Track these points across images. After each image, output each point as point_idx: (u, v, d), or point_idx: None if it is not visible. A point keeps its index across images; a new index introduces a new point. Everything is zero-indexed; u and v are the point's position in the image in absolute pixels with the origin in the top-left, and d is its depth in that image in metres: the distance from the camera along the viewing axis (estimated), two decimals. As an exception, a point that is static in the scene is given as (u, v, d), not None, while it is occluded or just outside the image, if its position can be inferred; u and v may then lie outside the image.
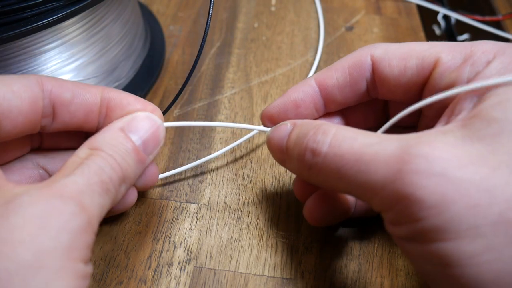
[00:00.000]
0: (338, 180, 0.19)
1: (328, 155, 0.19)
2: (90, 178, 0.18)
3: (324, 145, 0.19)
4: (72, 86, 0.22)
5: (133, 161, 0.20)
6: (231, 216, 0.26)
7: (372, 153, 0.17)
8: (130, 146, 0.20)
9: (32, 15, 0.23)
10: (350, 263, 0.24)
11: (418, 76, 0.22)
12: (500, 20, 0.43)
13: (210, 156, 0.28)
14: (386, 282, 0.24)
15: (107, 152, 0.19)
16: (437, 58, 0.21)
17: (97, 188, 0.18)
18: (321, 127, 0.20)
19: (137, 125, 0.21)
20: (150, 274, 0.24)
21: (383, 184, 0.17)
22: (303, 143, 0.20)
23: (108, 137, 0.20)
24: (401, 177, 0.16)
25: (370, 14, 0.42)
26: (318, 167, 0.19)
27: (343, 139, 0.19)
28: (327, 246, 0.25)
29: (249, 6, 0.42)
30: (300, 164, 0.20)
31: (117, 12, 0.30)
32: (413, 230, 0.16)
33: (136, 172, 0.21)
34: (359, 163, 0.18)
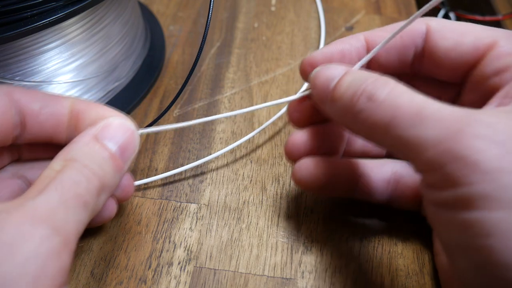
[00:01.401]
0: (385, 130, 0.18)
1: (385, 102, 0.18)
2: (64, 194, 0.17)
3: (384, 92, 0.18)
4: (41, 97, 0.21)
5: (110, 168, 0.20)
6: (231, 216, 0.26)
7: (433, 110, 0.17)
8: (107, 153, 0.20)
9: (32, 15, 0.23)
10: (350, 263, 0.24)
11: (470, 55, 0.21)
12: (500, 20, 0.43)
13: (210, 156, 0.28)
14: (386, 282, 0.24)
15: (82, 162, 0.19)
16: (495, 41, 0.21)
17: (72, 203, 0.17)
18: (381, 77, 0.19)
19: (111, 131, 0.20)
20: (150, 274, 0.24)
21: (438, 141, 0.16)
22: (360, 86, 0.19)
23: (83, 146, 0.20)
24: (460, 137, 0.15)
25: (370, 14, 0.42)
26: (370, 112, 0.18)
27: (403, 91, 0.18)
28: (327, 246, 0.25)
29: (249, 6, 0.42)
30: (349, 107, 0.20)
31: (117, 12, 0.30)
32: (457, 195, 0.15)
33: (115, 180, 0.20)
34: (416, 116, 0.17)
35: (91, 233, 0.25)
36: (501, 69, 0.20)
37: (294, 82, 0.35)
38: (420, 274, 0.24)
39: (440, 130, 0.16)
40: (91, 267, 0.24)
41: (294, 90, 0.34)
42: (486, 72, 0.21)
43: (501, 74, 0.20)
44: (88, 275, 0.23)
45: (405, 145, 0.17)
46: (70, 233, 0.17)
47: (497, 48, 0.20)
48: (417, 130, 0.17)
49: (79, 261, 0.24)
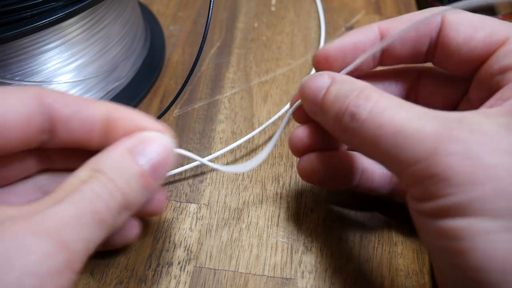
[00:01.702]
0: (371, 147, 0.19)
1: (367, 122, 0.19)
2: (81, 208, 0.16)
3: (365, 110, 0.19)
4: (73, 101, 0.20)
5: (138, 186, 0.18)
6: (231, 216, 0.26)
7: (412, 129, 0.17)
8: (137, 170, 0.18)
9: (32, 15, 0.23)
10: (350, 263, 0.24)
11: (481, 49, 0.21)
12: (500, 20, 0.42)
13: (210, 156, 0.28)
14: (386, 282, 0.24)
15: (109, 175, 0.18)
16: (507, 37, 0.21)
17: (87, 220, 0.16)
18: (364, 91, 0.19)
19: (146, 147, 0.19)
20: (150, 273, 0.24)
21: (417, 160, 0.17)
22: (344, 103, 0.20)
23: (113, 158, 0.18)
24: (435, 156, 0.17)
25: (370, 14, 0.42)
26: (355, 131, 0.19)
27: (385, 108, 0.18)
28: (327, 246, 0.25)
29: (249, 6, 0.42)
30: (336, 124, 0.20)
31: (117, 12, 0.30)
32: (437, 206, 0.17)
33: (140, 199, 0.19)
34: (397, 137, 0.18)
35: (91, 233, 0.25)
36: (506, 67, 0.20)
37: (294, 82, 0.35)
38: (420, 274, 0.24)
39: (418, 149, 0.17)
40: (91, 267, 0.24)
41: (294, 90, 0.34)
42: (492, 69, 0.21)
43: (506, 72, 0.20)
44: (87, 275, 0.23)
45: (389, 162, 0.19)
46: (77, 251, 0.16)
47: (508, 45, 0.20)
48: (399, 150, 0.18)
49: (79, 261, 0.24)
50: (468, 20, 0.22)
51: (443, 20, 0.22)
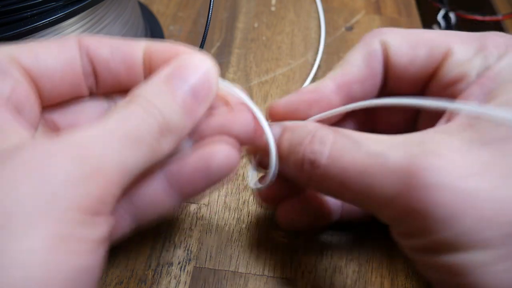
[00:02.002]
0: (341, 191, 0.18)
1: (328, 167, 0.18)
2: (117, 128, 0.16)
3: (323, 156, 0.18)
4: (111, 42, 0.19)
5: (179, 109, 0.17)
6: (231, 216, 0.26)
7: (377, 166, 0.17)
8: (177, 93, 0.18)
9: (32, 15, 0.23)
10: (350, 263, 0.24)
11: (427, 67, 0.21)
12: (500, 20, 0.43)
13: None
14: (386, 282, 0.24)
15: (149, 98, 0.17)
16: (448, 48, 0.20)
17: (124, 138, 0.16)
18: (316, 134, 0.19)
19: (185, 71, 0.18)
20: (150, 274, 0.24)
21: (391, 198, 0.16)
22: (299, 152, 0.19)
23: (153, 84, 0.18)
24: (409, 192, 0.16)
25: (370, 14, 0.42)
26: (319, 178, 0.18)
27: (343, 148, 0.18)
28: (327, 246, 0.25)
29: (249, 6, 0.42)
30: (298, 173, 0.19)
31: (117, 12, 0.30)
32: (424, 242, 0.16)
33: (185, 123, 0.18)
34: (363, 177, 0.17)
35: (91, 233, 0.25)
36: (456, 79, 0.20)
37: (294, 82, 0.35)
38: (420, 274, 0.24)
39: (388, 186, 0.16)
40: (91, 267, 0.24)
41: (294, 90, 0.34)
42: (442, 83, 0.20)
43: (456, 84, 0.20)
44: (88, 275, 0.23)
45: (364, 204, 0.18)
46: (111, 165, 0.15)
47: (451, 56, 0.20)
48: (369, 189, 0.17)
49: (79, 261, 0.24)
50: (406, 40, 0.21)
51: (384, 47, 0.21)
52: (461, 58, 0.20)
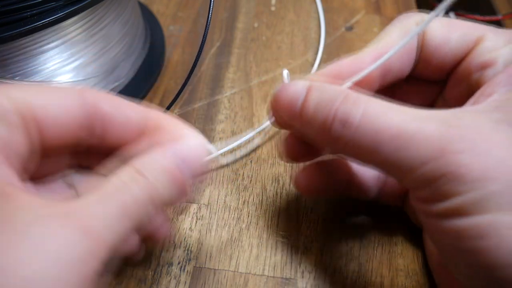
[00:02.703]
0: (369, 154, 0.18)
1: (361, 128, 0.18)
2: (120, 208, 0.16)
3: (357, 116, 0.18)
4: (115, 102, 0.20)
5: (175, 191, 0.18)
6: (231, 216, 0.26)
7: (413, 131, 0.17)
8: (178, 177, 0.18)
9: (32, 15, 0.23)
10: (350, 263, 0.24)
11: (457, 49, 0.21)
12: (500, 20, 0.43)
13: (210, 156, 0.28)
14: (386, 282, 0.24)
15: (152, 180, 0.17)
16: (481, 35, 0.21)
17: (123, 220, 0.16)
18: (350, 96, 0.18)
19: (189, 154, 0.19)
20: (150, 273, 0.24)
21: (424, 162, 0.17)
22: (330, 110, 0.18)
23: (158, 162, 0.18)
24: (444, 156, 0.16)
25: (370, 14, 0.42)
26: (348, 139, 0.18)
27: (378, 111, 0.18)
28: (327, 246, 0.25)
29: (249, 6, 0.42)
30: (324, 133, 0.19)
31: (117, 12, 0.30)
32: (451, 205, 0.16)
33: (175, 200, 0.19)
34: (398, 140, 0.17)
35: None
36: (485, 64, 0.20)
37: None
38: (420, 274, 0.24)
39: (423, 151, 0.17)
40: (91, 267, 0.24)
41: (294, 90, 0.34)
42: (470, 67, 0.21)
43: (484, 69, 0.20)
44: (88, 275, 0.23)
45: (391, 167, 0.18)
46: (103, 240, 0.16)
47: (483, 43, 0.21)
48: (402, 153, 0.17)
49: (79, 261, 0.24)
50: (441, 22, 0.22)
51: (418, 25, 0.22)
52: (491, 45, 0.20)
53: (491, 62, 0.20)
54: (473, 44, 0.21)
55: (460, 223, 0.16)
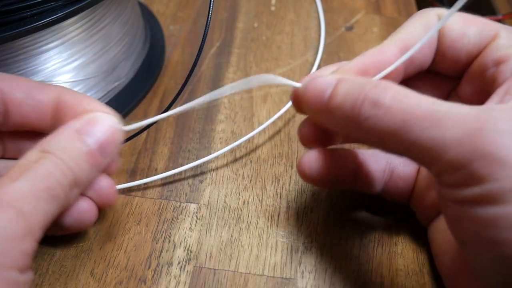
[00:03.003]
0: (396, 136, 0.17)
1: (392, 107, 0.17)
2: (36, 184, 0.18)
3: (387, 96, 0.17)
4: (26, 85, 0.21)
5: (87, 164, 0.20)
6: (231, 216, 0.26)
7: (445, 110, 0.16)
8: (85, 149, 0.20)
9: (31, 15, 0.23)
10: (350, 263, 0.24)
11: (473, 44, 0.21)
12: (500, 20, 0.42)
13: (210, 156, 0.28)
14: (386, 282, 0.24)
15: (59, 155, 0.19)
16: (496, 32, 0.21)
17: (43, 194, 0.18)
18: (379, 83, 0.18)
19: (93, 126, 0.20)
20: (149, 274, 0.24)
21: (460, 141, 0.16)
22: (361, 93, 0.18)
23: (62, 139, 0.20)
24: (483, 135, 0.15)
25: (370, 14, 0.42)
26: (377, 119, 0.18)
27: (408, 94, 0.17)
28: (327, 246, 0.25)
29: (249, 6, 0.42)
30: (351, 116, 0.18)
31: (117, 12, 0.30)
32: (483, 191, 0.15)
33: (90, 176, 0.20)
34: (431, 118, 0.16)
35: (91, 233, 0.25)
36: (500, 60, 0.20)
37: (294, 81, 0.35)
38: (420, 274, 0.24)
39: (459, 129, 0.16)
40: (91, 267, 0.24)
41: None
42: (485, 62, 0.21)
43: (499, 65, 0.20)
44: (88, 275, 0.23)
45: (421, 149, 0.17)
46: (36, 221, 0.17)
47: (498, 39, 0.21)
48: (434, 132, 0.16)
49: (79, 261, 0.24)
50: (459, 17, 0.22)
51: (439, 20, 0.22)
52: (506, 42, 0.21)
53: (506, 58, 0.20)
54: (489, 40, 0.21)
55: (492, 212, 0.15)
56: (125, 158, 0.29)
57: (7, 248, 0.16)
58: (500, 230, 0.15)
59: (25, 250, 0.17)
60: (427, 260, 0.25)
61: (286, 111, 0.32)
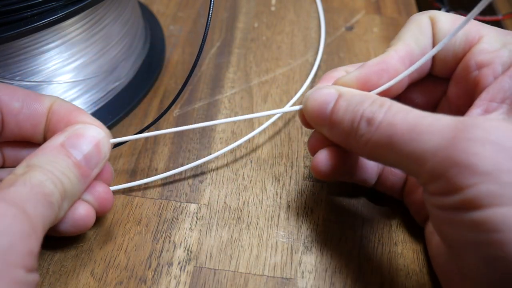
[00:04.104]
0: (386, 149, 0.19)
1: (382, 124, 0.19)
2: (33, 188, 0.18)
3: (380, 114, 0.19)
4: (22, 95, 0.21)
5: (75, 176, 0.20)
6: (231, 216, 0.26)
7: (427, 124, 0.17)
8: (71, 161, 0.20)
9: (32, 15, 0.23)
10: (350, 263, 0.24)
11: (460, 47, 0.22)
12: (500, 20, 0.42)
13: (210, 156, 0.28)
14: (386, 282, 0.24)
15: (47, 168, 0.19)
16: (481, 35, 0.21)
17: (40, 198, 0.18)
18: (378, 99, 0.20)
19: (78, 139, 0.21)
20: (150, 274, 0.24)
21: (435, 151, 0.17)
22: (358, 111, 0.20)
23: (48, 153, 0.20)
24: (455, 144, 0.16)
25: (370, 14, 0.42)
26: (370, 136, 0.19)
27: (398, 110, 0.19)
28: (327, 246, 0.25)
29: (249, 6, 0.42)
30: (349, 132, 0.20)
31: (117, 12, 0.30)
32: (462, 198, 0.16)
33: (79, 187, 0.21)
34: (412, 132, 0.18)
35: (91, 233, 0.25)
36: (483, 64, 0.21)
37: (294, 82, 0.35)
38: (420, 274, 0.24)
39: (435, 140, 0.17)
40: (91, 267, 0.24)
41: (294, 90, 0.34)
42: (469, 65, 0.21)
43: (482, 68, 0.21)
44: (88, 275, 0.23)
45: (406, 160, 0.18)
46: (37, 222, 0.18)
47: (482, 42, 0.21)
48: (415, 144, 0.17)
49: (79, 261, 0.24)
50: (449, 17, 0.23)
51: (432, 22, 0.23)
52: (488, 46, 0.21)
53: (489, 62, 0.21)
54: (473, 43, 0.22)
55: (474, 216, 0.16)
56: (125, 158, 0.29)
57: (14, 246, 0.16)
58: (482, 233, 0.16)
59: (31, 248, 0.17)
60: (427, 260, 0.25)
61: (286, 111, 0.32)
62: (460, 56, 0.22)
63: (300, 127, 0.32)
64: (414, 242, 0.25)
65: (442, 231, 0.18)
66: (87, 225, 0.22)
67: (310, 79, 0.35)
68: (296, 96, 0.33)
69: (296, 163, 0.29)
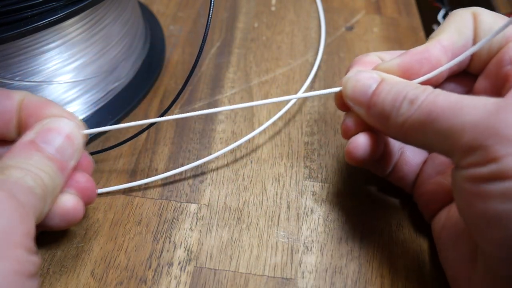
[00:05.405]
0: (425, 127, 0.19)
1: (423, 103, 0.19)
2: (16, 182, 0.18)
3: (422, 96, 0.20)
4: None
5: (52, 170, 0.20)
6: (231, 216, 0.26)
7: (469, 100, 0.18)
8: (45, 156, 0.20)
9: (32, 15, 0.23)
10: (350, 263, 0.24)
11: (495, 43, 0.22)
12: (500, 20, 0.43)
13: (210, 156, 0.28)
14: (386, 282, 0.24)
15: (22, 167, 0.19)
16: None
17: (25, 190, 0.18)
18: (420, 86, 0.21)
19: (48, 133, 0.21)
20: (150, 274, 0.24)
21: (476, 123, 0.17)
22: (401, 93, 0.21)
23: (20, 152, 0.20)
24: (497, 116, 0.17)
25: (370, 14, 0.42)
26: (410, 114, 0.20)
27: (440, 92, 0.19)
28: (327, 246, 0.25)
29: (249, 6, 0.42)
30: (390, 112, 0.21)
31: (117, 12, 0.30)
32: (498, 167, 0.17)
33: (59, 181, 0.21)
34: (453, 108, 0.18)
35: (91, 234, 0.25)
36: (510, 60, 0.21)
37: (294, 82, 0.35)
38: (420, 274, 0.24)
39: (477, 114, 0.17)
40: (91, 267, 0.24)
41: (294, 90, 0.34)
42: (503, 59, 0.22)
43: None
44: (88, 275, 0.23)
45: (442, 137, 0.19)
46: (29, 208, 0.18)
47: None
48: (454, 119, 0.18)
49: (79, 261, 0.24)
50: (490, 13, 0.23)
51: (474, 17, 0.23)
52: None
53: None
54: (510, 38, 0.22)
55: (505, 186, 0.16)
56: (126, 158, 0.29)
57: (11, 226, 0.16)
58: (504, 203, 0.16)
59: (28, 230, 0.17)
60: (427, 260, 0.25)
61: (286, 111, 0.32)
62: (494, 52, 0.23)
63: (300, 127, 0.32)
64: (414, 242, 0.25)
65: (468, 207, 0.19)
66: (76, 217, 0.22)
67: (310, 79, 0.35)
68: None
69: (296, 163, 0.29)
